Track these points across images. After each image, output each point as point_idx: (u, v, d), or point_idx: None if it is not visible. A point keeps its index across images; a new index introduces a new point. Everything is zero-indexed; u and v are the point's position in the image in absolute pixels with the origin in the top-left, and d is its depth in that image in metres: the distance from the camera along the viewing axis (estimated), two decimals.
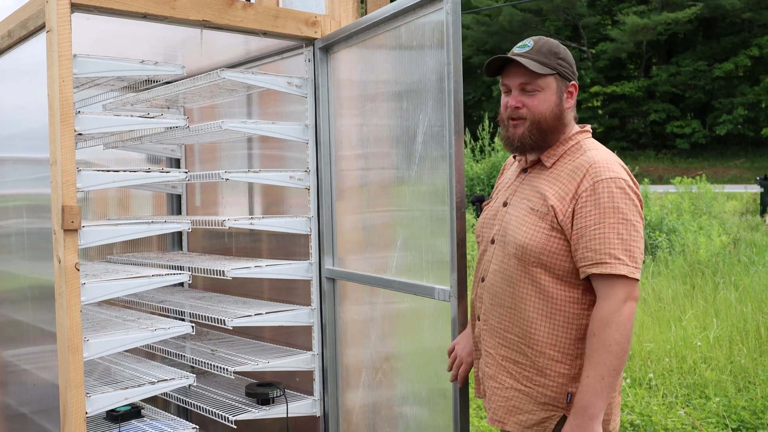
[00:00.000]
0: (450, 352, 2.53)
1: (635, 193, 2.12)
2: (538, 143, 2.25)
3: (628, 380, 5.30)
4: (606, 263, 2.03)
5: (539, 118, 2.22)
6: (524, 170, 2.33)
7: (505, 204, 2.31)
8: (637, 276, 2.05)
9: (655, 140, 33.43)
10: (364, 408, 3.22)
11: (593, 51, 33.61)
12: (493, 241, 2.30)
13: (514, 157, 2.45)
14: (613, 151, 2.33)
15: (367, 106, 3.12)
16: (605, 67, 33.45)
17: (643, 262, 9.34)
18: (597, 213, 2.06)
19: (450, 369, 2.53)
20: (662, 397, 5.06)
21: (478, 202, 2.55)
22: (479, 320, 2.35)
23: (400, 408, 3.02)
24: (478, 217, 2.49)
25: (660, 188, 16.86)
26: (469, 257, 10.07)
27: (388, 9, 2.84)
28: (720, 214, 12.59)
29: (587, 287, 2.13)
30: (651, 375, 5.35)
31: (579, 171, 2.14)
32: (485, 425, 4.52)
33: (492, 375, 2.27)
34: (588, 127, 2.34)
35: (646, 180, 14.33)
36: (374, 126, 3.07)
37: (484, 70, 2.34)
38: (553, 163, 2.24)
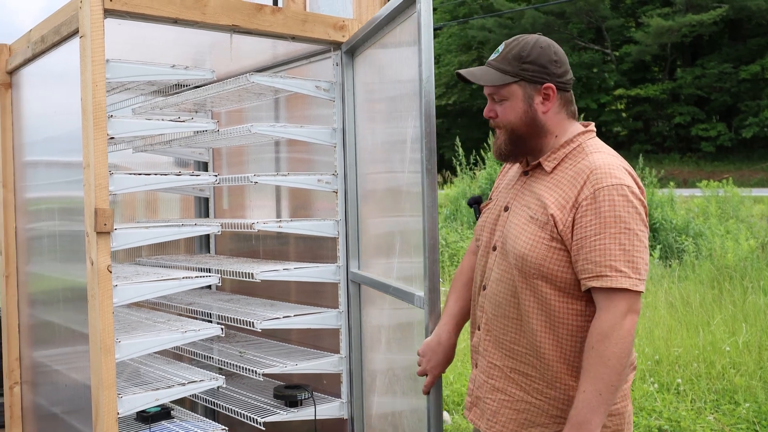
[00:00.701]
0: (421, 357, 2.44)
1: (639, 200, 2.00)
2: (516, 151, 2.19)
3: (656, 385, 5.25)
4: (607, 276, 1.93)
5: (511, 127, 2.17)
6: (525, 173, 2.24)
7: (506, 209, 2.23)
8: (640, 288, 1.95)
9: (679, 143, 33.13)
10: (379, 413, 3.21)
11: (617, 53, 33.40)
12: (494, 248, 2.22)
13: None
14: (637, 155, 2.23)
15: (378, 109, 3.12)
16: (629, 69, 33.23)
17: (670, 265, 9.27)
18: (597, 223, 1.96)
19: (420, 374, 2.45)
20: (691, 402, 5.02)
21: (475, 204, 2.46)
22: (479, 330, 2.26)
23: (400, 415, 2.99)
24: (477, 218, 2.39)
25: (685, 192, 16.70)
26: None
27: (383, 11, 2.81)
28: (747, 218, 12.44)
29: (590, 299, 2.02)
30: (679, 380, 5.30)
31: (580, 177, 2.04)
32: None
33: (500, 388, 2.18)
34: (592, 125, 2.23)
35: (671, 183, 14.21)
36: (382, 129, 3.06)
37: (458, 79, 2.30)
38: (554, 168, 2.14)
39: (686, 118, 31.51)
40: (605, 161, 2.06)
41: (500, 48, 2.19)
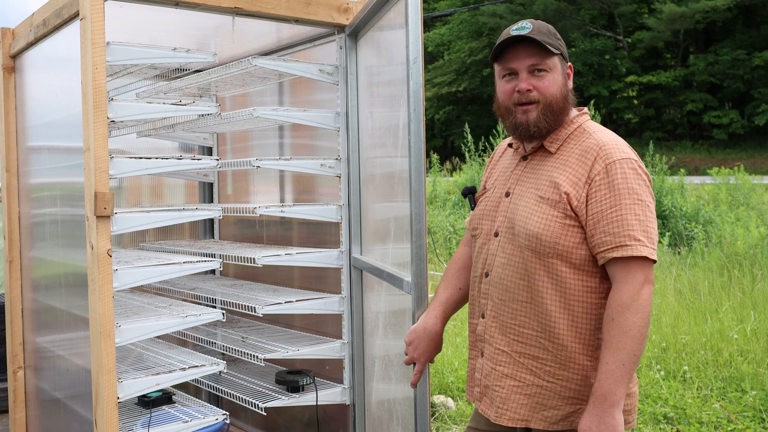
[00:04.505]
0: (408, 345, 2.40)
1: (645, 173, 2.07)
2: (552, 126, 2.16)
3: (662, 372, 5.23)
4: (627, 245, 1.97)
5: (551, 100, 2.13)
6: (524, 158, 2.24)
7: (507, 194, 2.22)
8: (655, 257, 2.00)
9: (691, 131, 32.93)
10: (378, 399, 3.19)
11: (629, 40, 33.16)
12: (496, 234, 2.21)
13: (510, 145, 2.36)
14: (649, 142, 2.24)
15: (377, 93, 3.08)
16: (641, 56, 33.00)
17: (679, 252, 9.22)
18: (612, 195, 2.01)
19: (407, 363, 2.41)
20: (697, 390, 4.99)
21: (470, 194, 2.42)
22: (483, 318, 2.24)
23: (394, 402, 2.95)
24: (472, 208, 2.37)
25: (696, 179, 16.59)
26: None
27: None
28: (758, 206, 12.34)
29: (604, 275, 2.06)
30: (686, 368, 5.27)
31: (589, 154, 2.08)
32: None
33: (509, 374, 2.17)
34: (585, 109, 2.27)
35: (682, 171, 14.09)
36: (381, 113, 3.02)
37: (492, 55, 2.22)
38: (558, 149, 2.16)
39: (698, 105, 31.29)
40: (611, 138, 2.12)
41: (526, 25, 2.15)
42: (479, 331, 2.27)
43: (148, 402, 3.15)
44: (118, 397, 2.75)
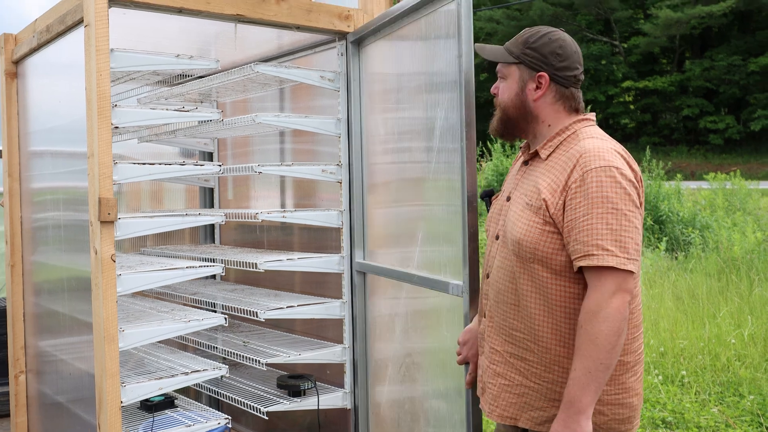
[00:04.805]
0: (462, 345, 2.48)
1: (629, 181, 2.02)
2: (504, 131, 2.29)
3: (660, 377, 5.25)
4: (593, 255, 1.96)
5: (503, 106, 2.26)
6: (525, 162, 2.29)
7: (508, 199, 2.28)
8: (630, 267, 1.96)
9: (687, 136, 33.00)
10: (390, 402, 3.22)
11: (625, 45, 33.25)
12: (497, 237, 2.26)
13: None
14: (645, 147, 2.23)
15: (393, 100, 3.12)
16: (637, 61, 33.07)
17: (676, 258, 9.25)
18: (585, 204, 2.00)
19: (460, 363, 2.49)
20: (695, 394, 5.01)
21: (487, 197, 2.48)
22: (484, 317, 2.31)
23: (422, 403, 3.00)
24: (488, 211, 2.44)
25: (693, 184, 16.63)
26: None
27: (405, 3, 2.85)
28: (755, 211, 12.39)
29: (586, 282, 2.06)
30: (684, 372, 5.29)
31: (570, 161, 2.08)
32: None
33: (501, 373, 2.22)
34: (591, 115, 2.27)
35: (678, 176, 14.15)
36: (400, 119, 3.07)
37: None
38: (549, 155, 2.19)
39: (694, 111, 31.37)
40: (595, 145, 2.09)
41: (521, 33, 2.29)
42: (480, 330, 2.34)
43: (150, 406, 3.16)
44: (121, 402, 2.76)
